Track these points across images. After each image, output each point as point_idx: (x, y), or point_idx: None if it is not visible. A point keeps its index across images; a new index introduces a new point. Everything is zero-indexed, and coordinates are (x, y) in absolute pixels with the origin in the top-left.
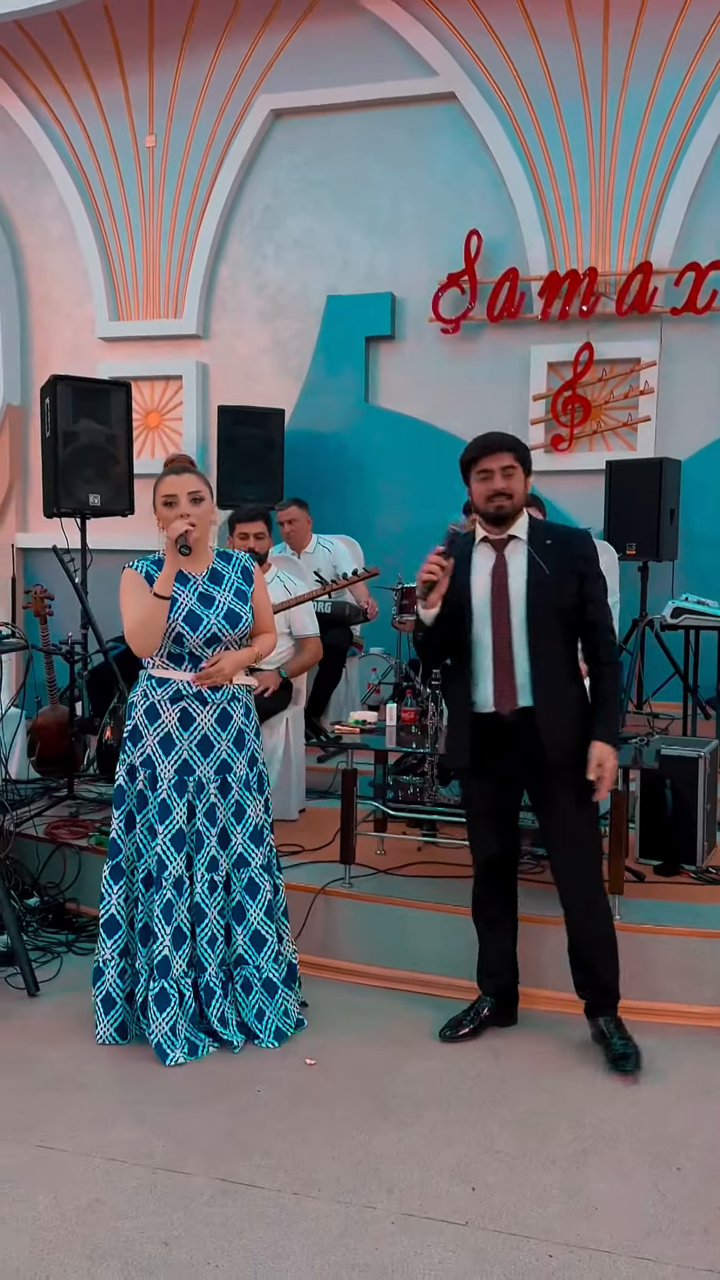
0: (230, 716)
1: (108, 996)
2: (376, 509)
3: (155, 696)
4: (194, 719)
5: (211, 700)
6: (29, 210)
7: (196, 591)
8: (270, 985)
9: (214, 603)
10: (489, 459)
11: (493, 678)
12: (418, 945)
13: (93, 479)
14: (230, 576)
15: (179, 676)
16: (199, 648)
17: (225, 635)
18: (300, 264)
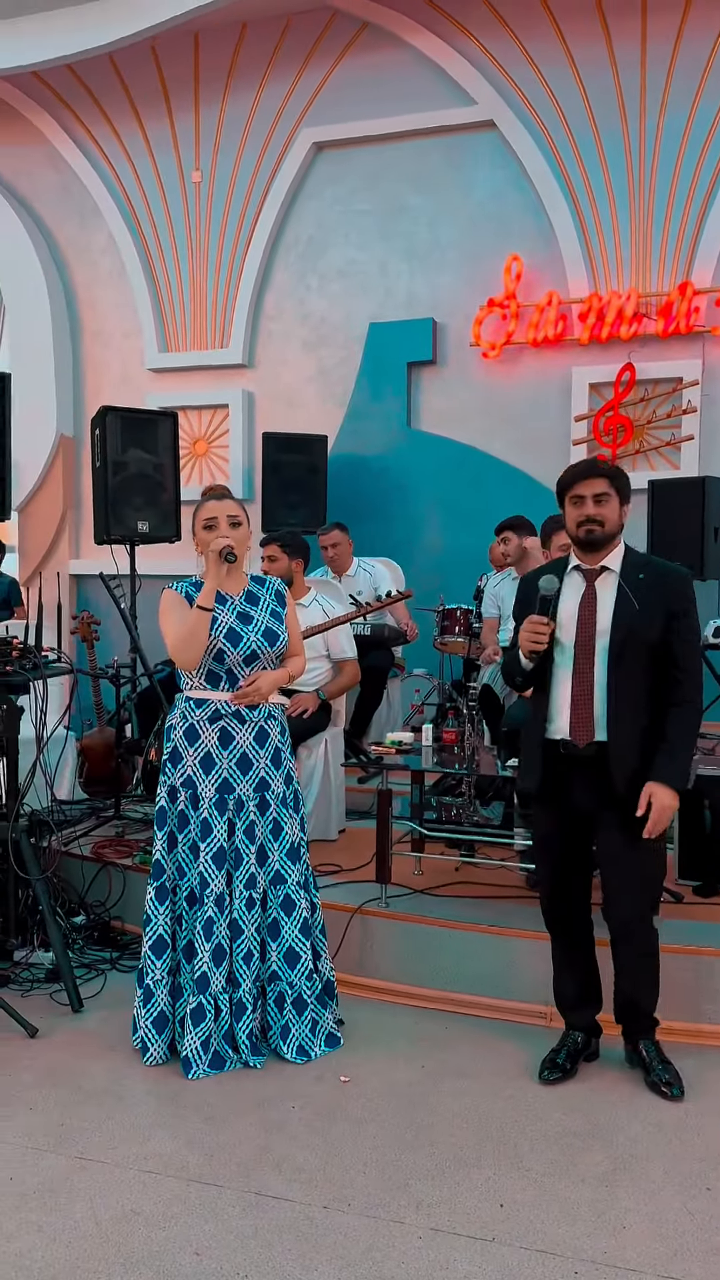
0: (268, 734)
1: (161, 1016)
2: (419, 531)
3: (194, 718)
4: (233, 737)
5: (250, 719)
6: (80, 247)
7: (235, 610)
8: (300, 1003)
9: (252, 621)
10: (583, 484)
11: (570, 708)
12: (453, 965)
13: (141, 506)
14: (265, 599)
15: (217, 697)
16: (238, 665)
17: (264, 653)
18: (343, 292)
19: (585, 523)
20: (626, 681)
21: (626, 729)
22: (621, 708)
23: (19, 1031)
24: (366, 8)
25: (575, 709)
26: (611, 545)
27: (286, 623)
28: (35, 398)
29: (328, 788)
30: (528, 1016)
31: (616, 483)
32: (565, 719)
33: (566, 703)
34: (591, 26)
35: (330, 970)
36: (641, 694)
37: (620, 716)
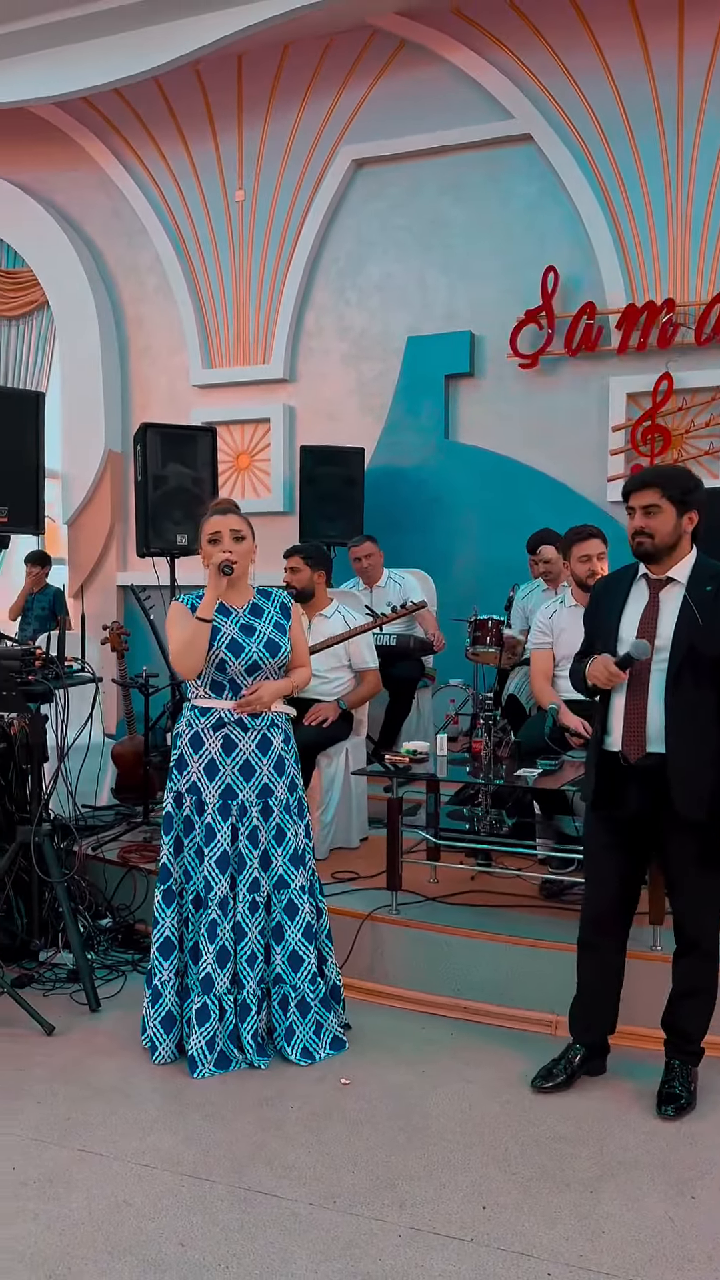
0: (270, 742)
1: (169, 1016)
2: (455, 542)
3: (199, 725)
4: (236, 745)
5: (252, 727)
6: (128, 266)
7: (239, 623)
8: (304, 1005)
9: (255, 633)
10: (634, 496)
11: (624, 720)
12: (462, 972)
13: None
14: (270, 611)
15: (220, 705)
16: (240, 675)
17: (265, 664)
18: (382, 307)
19: (636, 535)
20: (687, 695)
21: (689, 746)
22: (682, 725)
23: (37, 1029)
24: (405, 26)
25: (628, 722)
26: (676, 555)
27: (291, 635)
28: (85, 414)
29: (348, 796)
30: (533, 1025)
31: (669, 492)
32: (619, 730)
33: (621, 714)
34: (628, 36)
35: (337, 975)
36: (702, 708)
37: (681, 733)
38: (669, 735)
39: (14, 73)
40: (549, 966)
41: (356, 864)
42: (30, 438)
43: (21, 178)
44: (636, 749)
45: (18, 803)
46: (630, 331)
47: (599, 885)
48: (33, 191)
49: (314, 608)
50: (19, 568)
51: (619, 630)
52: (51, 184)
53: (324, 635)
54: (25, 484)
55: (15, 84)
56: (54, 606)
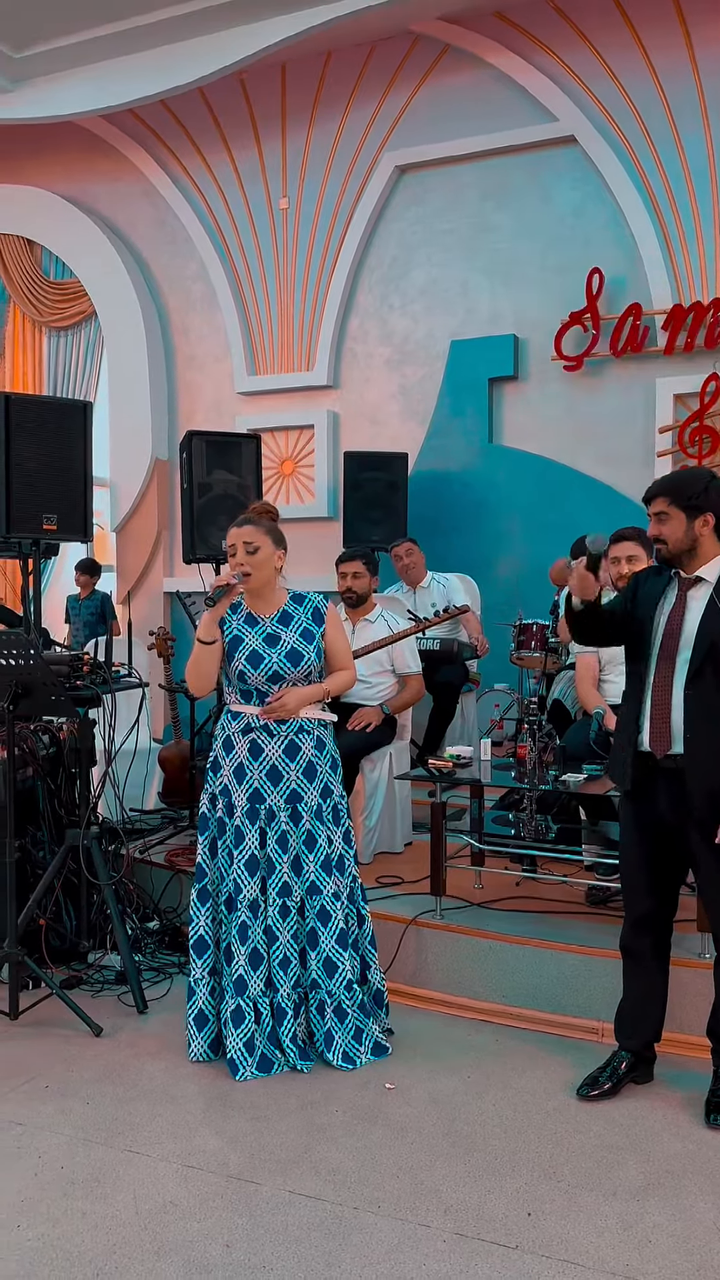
0: (299, 748)
1: (201, 1014)
2: (499, 546)
3: (230, 729)
4: (262, 750)
5: (278, 732)
6: (173, 275)
7: (265, 633)
8: (340, 1011)
9: (279, 643)
10: (649, 505)
11: (650, 718)
12: (507, 978)
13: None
14: (299, 618)
15: (248, 710)
16: (263, 684)
17: (288, 673)
18: (425, 311)
19: (654, 541)
20: (706, 694)
21: (704, 745)
22: (699, 723)
23: (86, 1030)
24: (447, 31)
25: (653, 720)
26: (702, 556)
27: (328, 639)
28: (132, 422)
29: (392, 801)
30: (579, 1032)
31: (676, 500)
32: (647, 729)
33: (648, 712)
34: (672, 36)
35: (381, 981)
36: None
37: (697, 731)
38: (686, 731)
39: (61, 87)
40: (595, 973)
41: (400, 869)
42: (78, 447)
43: (69, 190)
44: (662, 746)
45: (67, 806)
46: (677, 332)
47: (635, 891)
48: (80, 203)
49: (358, 612)
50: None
51: (653, 625)
52: (98, 195)
53: (367, 640)
54: (74, 492)
55: (63, 99)
56: (102, 612)
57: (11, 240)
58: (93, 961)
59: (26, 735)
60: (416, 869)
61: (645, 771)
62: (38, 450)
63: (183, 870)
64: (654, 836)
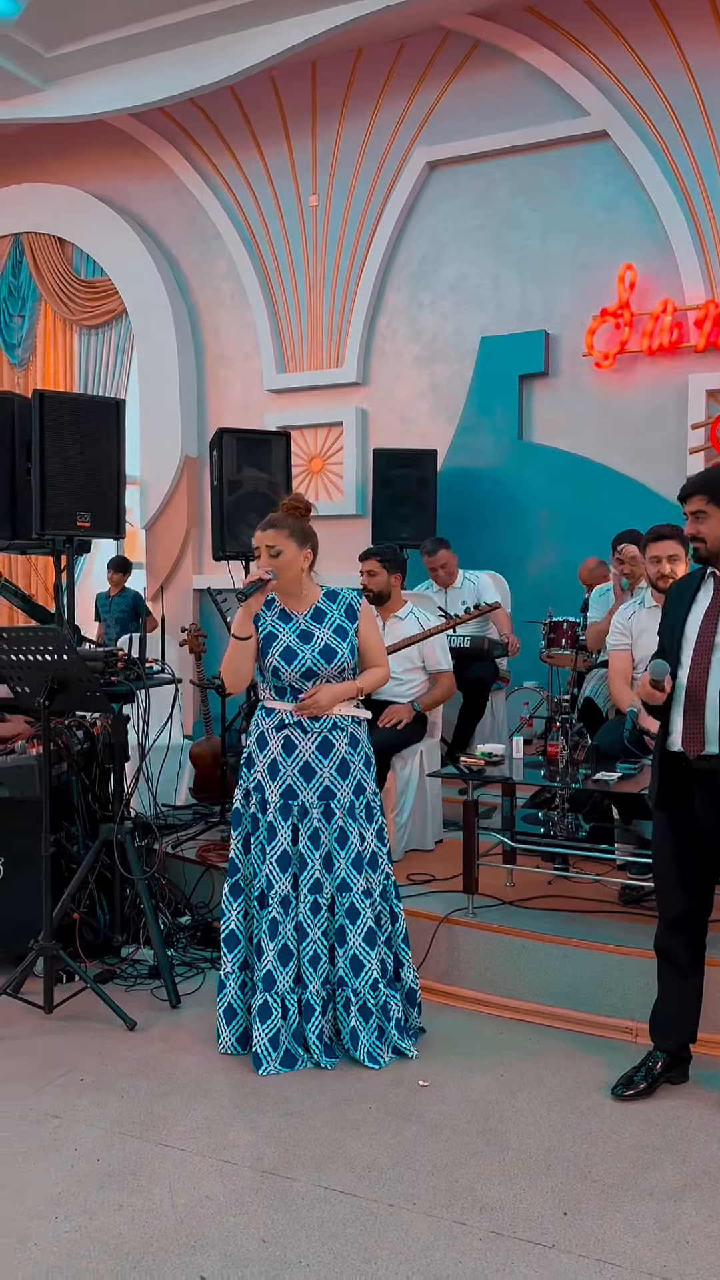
0: (332, 745)
1: (230, 1007)
2: (530, 544)
3: (264, 725)
4: (296, 746)
5: (311, 729)
6: (203, 273)
7: (298, 630)
8: (365, 1010)
9: (312, 639)
10: (685, 504)
11: (683, 718)
12: (540, 977)
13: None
14: (333, 614)
15: (282, 707)
16: (296, 681)
17: (321, 670)
18: (455, 308)
19: (690, 540)
20: None
21: None
22: None
23: (120, 1025)
24: (478, 26)
25: (686, 720)
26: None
27: (360, 635)
28: (162, 420)
29: (423, 799)
30: (613, 1031)
31: (715, 496)
32: (679, 729)
33: (681, 712)
34: (706, 31)
35: (414, 978)
36: None
37: None
38: None
39: (91, 86)
40: (629, 972)
41: (432, 866)
42: (112, 444)
43: (100, 189)
44: (695, 747)
45: (100, 801)
46: (711, 328)
47: (668, 891)
48: (110, 201)
49: (388, 610)
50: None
51: (684, 629)
52: (128, 193)
53: (398, 637)
54: (107, 490)
55: (93, 97)
56: (134, 609)
57: (43, 239)
58: (126, 956)
59: (61, 730)
60: (447, 866)
61: (678, 773)
62: (71, 448)
63: (214, 866)
64: (687, 837)
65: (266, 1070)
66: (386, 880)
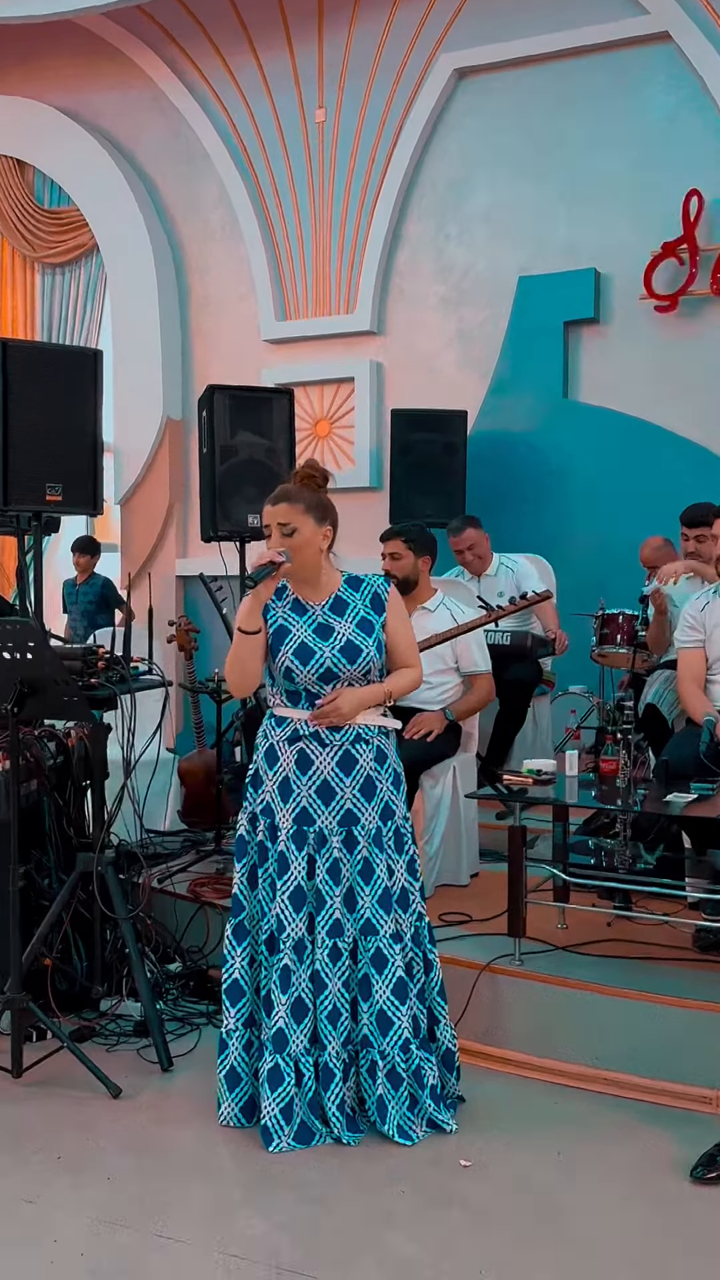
0: (355, 760)
1: (232, 1071)
2: (577, 522)
3: (275, 737)
4: (312, 762)
5: (331, 741)
6: (188, 200)
7: (314, 623)
8: (395, 1076)
9: (332, 634)
10: None
11: None
12: (600, 1037)
13: (253, 497)
14: (356, 605)
15: (296, 715)
16: (312, 684)
17: (342, 670)
18: (488, 242)
19: None
20: None
21: None
22: None
23: (102, 1091)
24: None
25: None
26: None
27: (389, 630)
28: (140, 376)
29: (456, 824)
30: (689, 1101)
31: None
32: None
33: None
34: None
35: (452, 1038)
36: None
37: None
38: None
39: None
40: (705, 1031)
41: (468, 904)
42: (88, 404)
43: (65, 101)
44: None
45: (76, 826)
46: None
47: None
48: (79, 117)
49: (415, 600)
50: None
51: None
52: (100, 108)
53: (427, 633)
54: (82, 458)
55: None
56: (103, 598)
57: None
58: (106, 1010)
59: (30, 742)
60: (486, 904)
61: None
62: (41, 407)
63: (209, 903)
64: None
65: (278, 1146)
66: (419, 921)
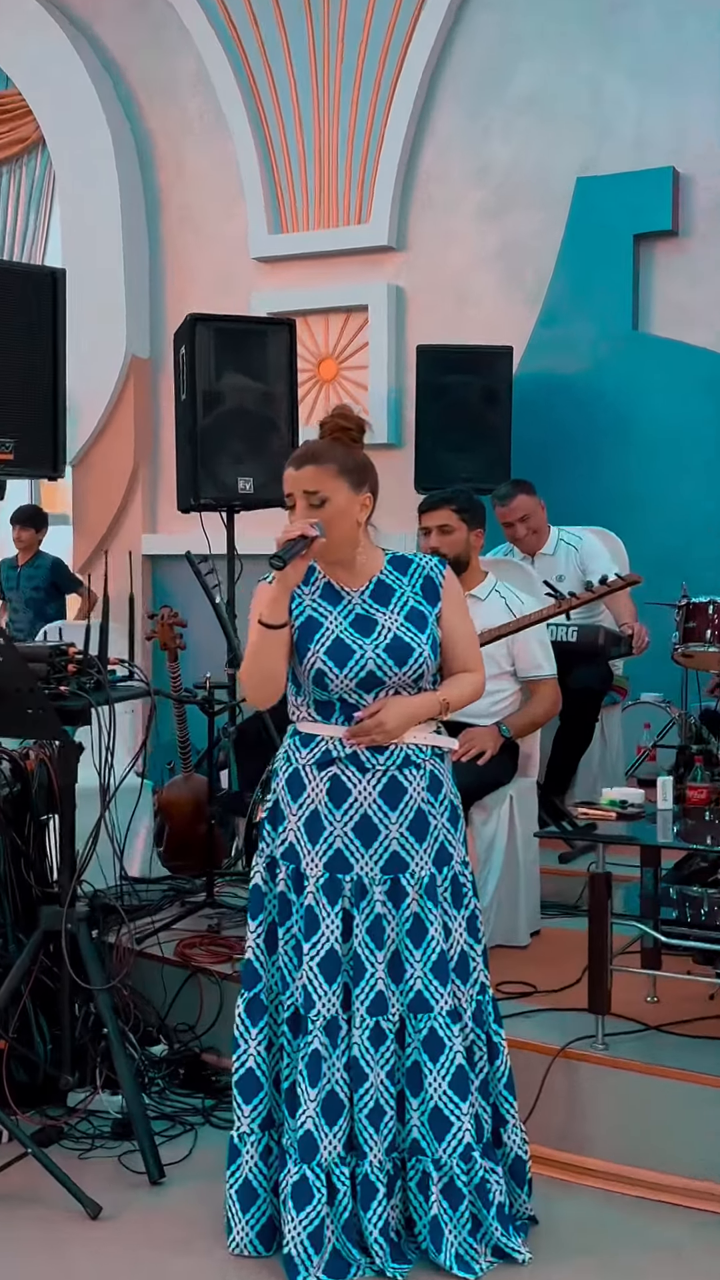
0: (404, 790)
1: (247, 1186)
2: (650, 486)
3: (300, 760)
4: (349, 791)
5: (373, 765)
6: (159, 82)
7: (352, 613)
8: (452, 1191)
9: (375, 628)
10: None
11: None
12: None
13: (243, 456)
14: (404, 591)
15: (329, 732)
16: (350, 692)
17: (389, 675)
18: (537, 133)
19: None
20: None
21: None
22: None
23: (77, 1210)
24: None
25: None
26: None
27: (445, 624)
28: (96, 304)
29: (514, 869)
30: None
31: None
32: None
33: None
34: None
35: (521, 1142)
36: None
37: None
38: None
39: None
40: None
41: (530, 971)
42: (45, 338)
43: None
44: None
45: (38, 873)
46: None
47: None
48: None
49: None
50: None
51: None
52: None
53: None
54: (39, 406)
55: None
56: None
57: None
58: (76, 1105)
59: None
60: (551, 971)
61: None
62: None
63: (202, 969)
64: None
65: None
66: (482, 994)
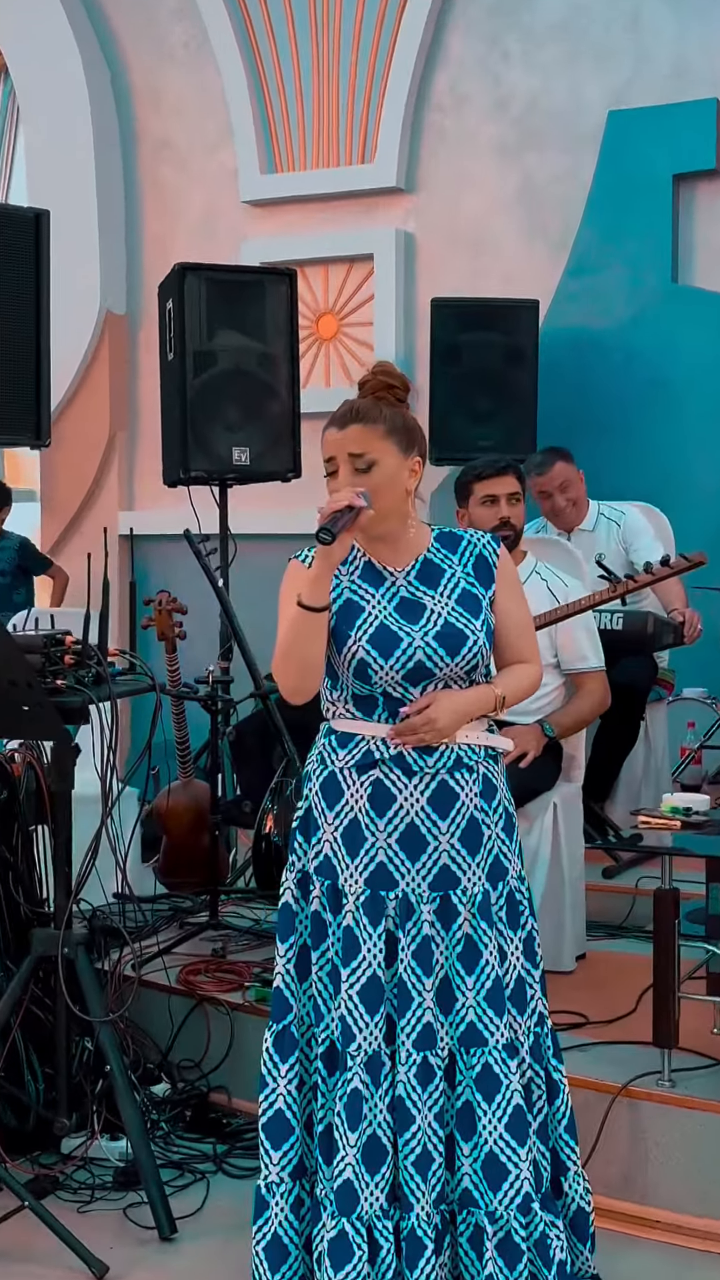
0: (454, 795)
1: (276, 1242)
2: (694, 454)
3: (336, 762)
4: (393, 797)
5: (421, 769)
6: (137, 7)
7: (396, 596)
8: (509, 1246)
9: (423, 614)
10: None
11: None
12: None
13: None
14: (454, 571)
15: (370, 731)
16: (396, 685)
17: (439, 666)
18: (563, 62)
19: None
20: None
21: None
22: None
23: (79, 1269)
24: None
25: None
26: None
27: (499, 609)
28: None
29: (558, 885)
30: None
31: None
32: None
33: None
34: None
35: (584, 1192)
36: None
37: None
38: None
39: None
40: None
41: (579, 999)
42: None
43: None
44: None
45: (28, 891)
46: None
47: None
48: None
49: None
50: None
51: None
52: None
53: None
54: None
55: None
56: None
57: None
58: (72, 1152)
59: None
60: (603, 999)
61: None
62: None
63: (209, 998)
64: None
65: None
66: (540, 1026)
